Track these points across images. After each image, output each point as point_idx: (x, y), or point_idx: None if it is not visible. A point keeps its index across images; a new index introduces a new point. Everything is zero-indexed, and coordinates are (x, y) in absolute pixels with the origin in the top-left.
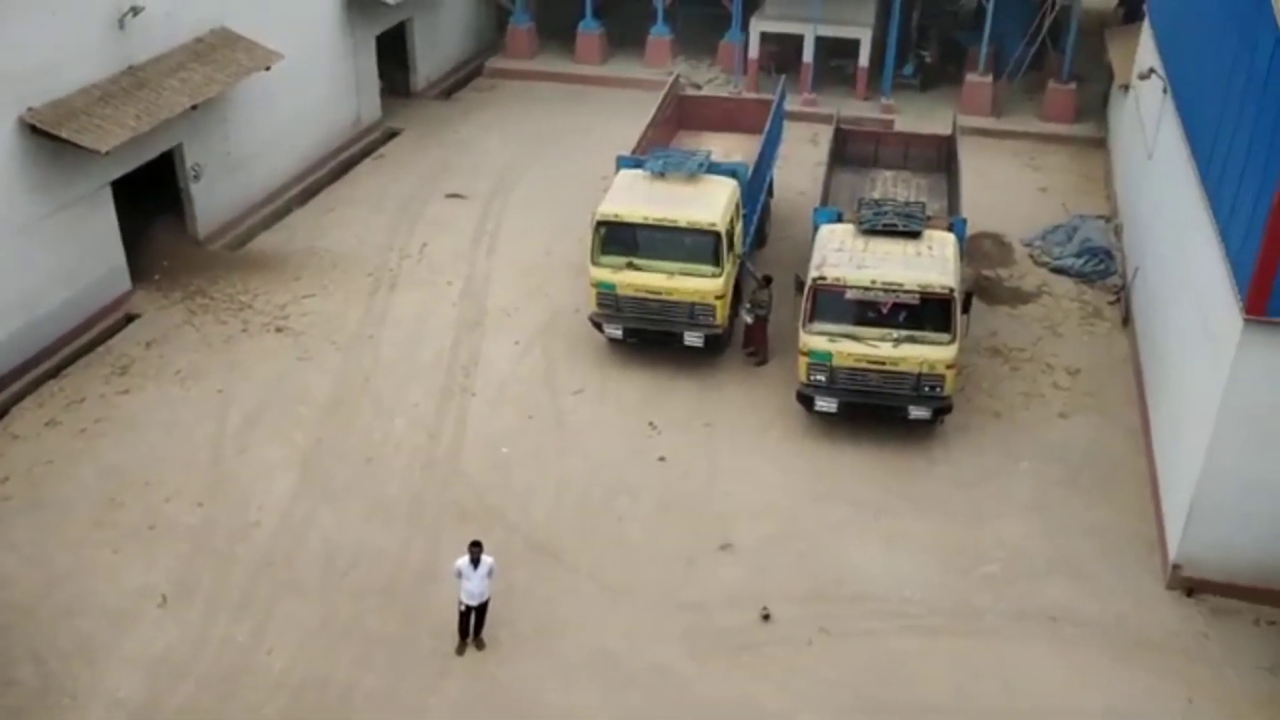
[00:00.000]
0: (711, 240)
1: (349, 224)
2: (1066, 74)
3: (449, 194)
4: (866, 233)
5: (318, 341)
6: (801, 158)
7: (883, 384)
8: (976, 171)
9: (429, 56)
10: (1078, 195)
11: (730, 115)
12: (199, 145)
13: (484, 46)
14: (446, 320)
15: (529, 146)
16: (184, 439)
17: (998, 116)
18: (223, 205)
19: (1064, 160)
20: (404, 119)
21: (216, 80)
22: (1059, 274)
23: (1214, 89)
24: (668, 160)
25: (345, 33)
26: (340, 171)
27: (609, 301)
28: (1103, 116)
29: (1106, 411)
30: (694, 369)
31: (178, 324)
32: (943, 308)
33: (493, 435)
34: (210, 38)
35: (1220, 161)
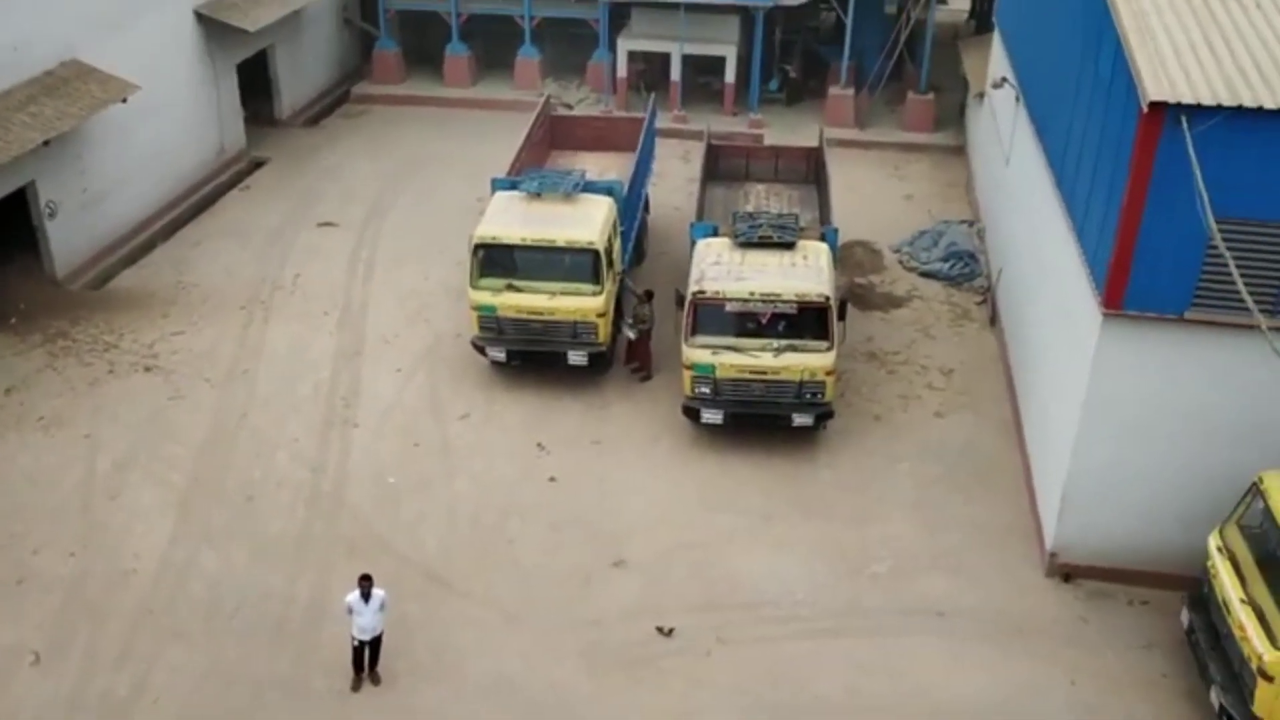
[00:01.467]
0: (590, 258)
1: (217, 257)
2: (924, 85)
3: (320, 222)
4: (743, 245)
5: (190, 379)
6: (675, 174)
7: (766, 393)
8: (845, 182)
9: (293, 84)
10: (942, 201)
11: (602, 134)
12: (53, 181)
13: (350, 72)
14: (324, 351)
15: (401, 171)
16: (51, 488)
17: (861, 128)
18: (81, 243)
19: (926, 168)
20: (270, 148)
21: (69, 114)
22: (928, 278)
23: (1062, 96)
24: (543, 181)
25: (205, 61)
26: (206, 203)
27: (490, 324)
28: (961, 125)
29: (980, 409)
30: (579, 388)
31: (38, 368)
32: (820, 316)
33: (378, 466)
34: (61, 70)
35: (1073, 164)
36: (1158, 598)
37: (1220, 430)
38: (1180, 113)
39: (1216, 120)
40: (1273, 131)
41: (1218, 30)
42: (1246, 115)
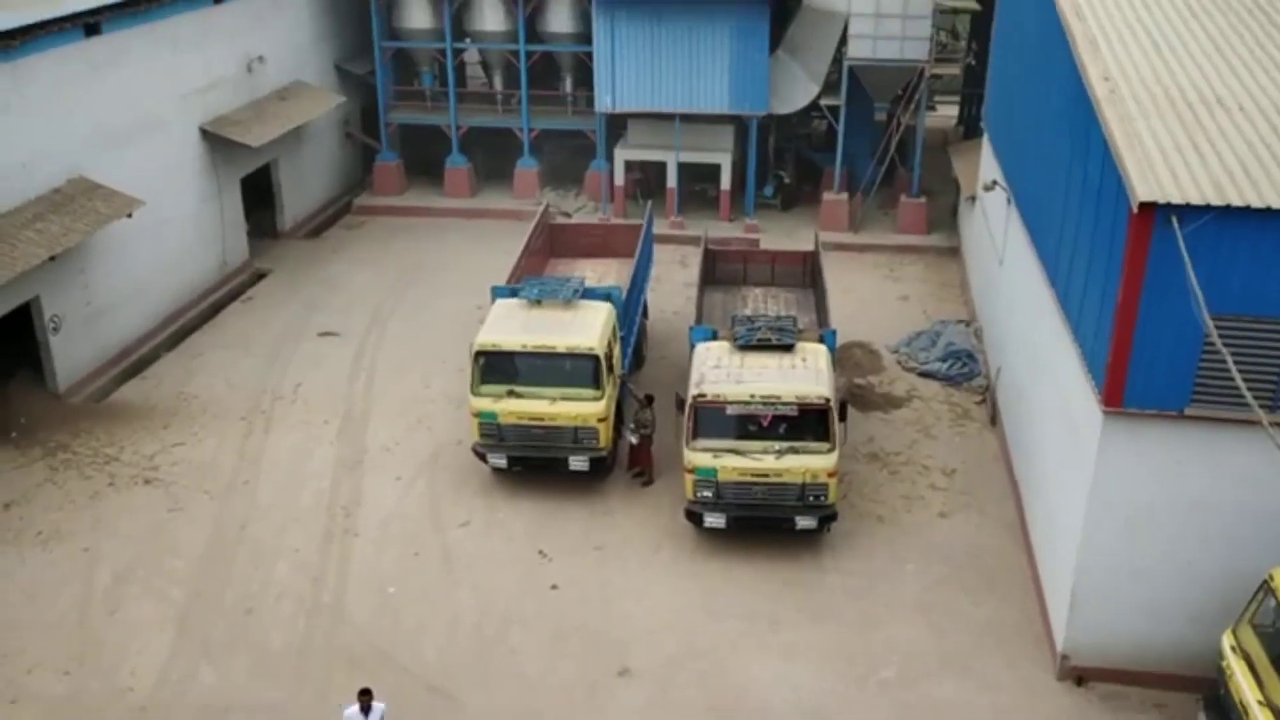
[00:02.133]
0: (591, 364)
1: (219, 368)
2: (916, 189)
3: (321, 332)
4: (742, 348)
5: (190, 491)
6: (673, 279)
7: (768, 496)
8: (841, 284)
9: (295, 196)
10: (937, 302)
11: (601, 241)
12: (58, 296)
13: (352, 184)
14: (325, 460)
15: (402, 281)
16: (47, 603)
17: (856, 231)
18: (84, 356)
19: (921, 270)
20: (272, 259)
21: (75, 230)
22: (927, 378)
23: (1052, 197)
24: (543, 288)
25: (209, 176)
26: (208, 315)
27: (491, 431)
28: (954, 227)
29: (984, 509)
30: (581, 494)
31: (38, 482)
32: (821, 417)
33: (378, 576)
34: (68, 187)
35: (1066, 263)
36: (1173, 700)
37: (1227, 526)
38: (1170, 213)
39: (1206, 220)
40: (1263, 230)
41: (1203, 133)
42: (1236, 214)
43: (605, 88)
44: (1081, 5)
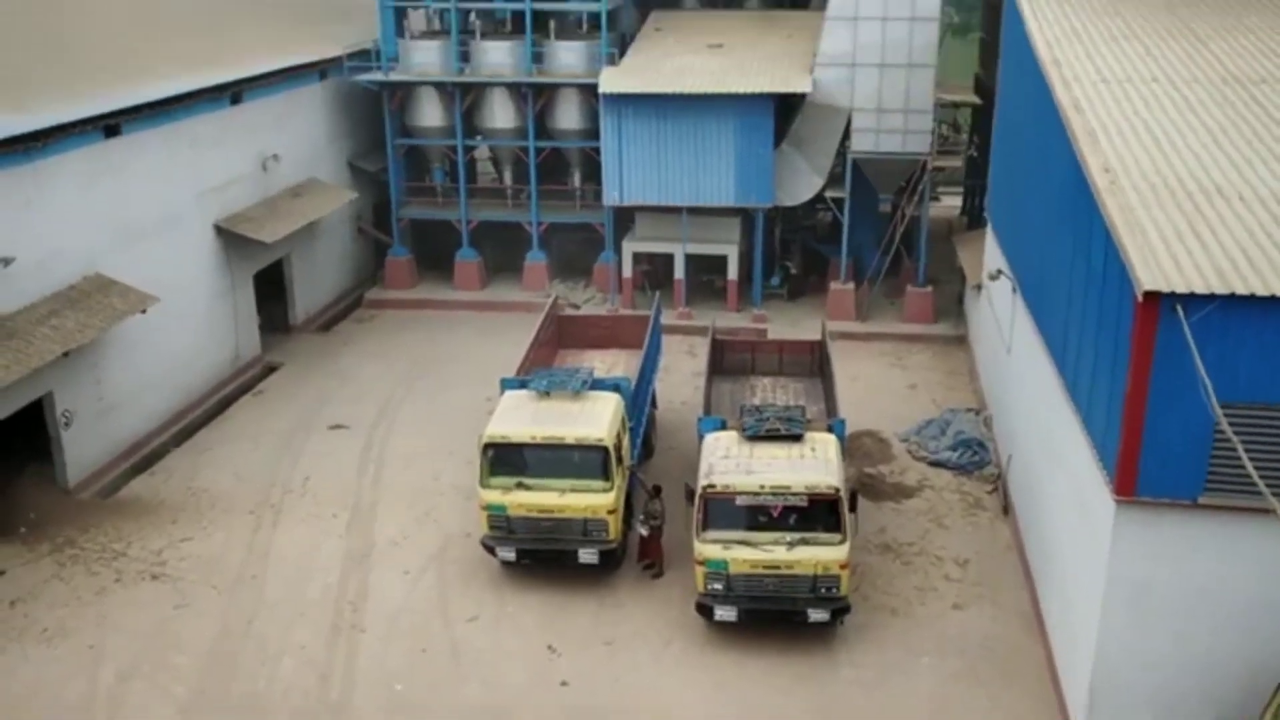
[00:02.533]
0: (600, 455)
1: (228, 462)
2: (922, 278)
3: (331, 425)
4: (751, 439)
5: (197, 586)
6: (681, 369)
7: (780, 588)
8: (849, 373)
9: (308, 291)
10: (946, 390)
11: (609, 333)
12: (71, 391)
13: (363, 278)
14: (333, 554)
15: (412, 373)
16: (51, 701)
17: (863, 320)
18: (95, 451)
19: (929, 358)
20: (283, 353)
21: (89, 326)
22: (937, 467)
23: (1057, 286)
24: (551, 379)
25: (223, 272)
26: (219, 409)
27: (500, 523)
28: (960, 315)
29: (998, 600)
30: (591, 587)
31: (45, 579)
32: (831, 508)
33: (386, 672)
34: (84, 284)
35: (1073, 353)
36: None
37: (1246, 615)
38: (1175, 301)
39: (1212, 308)
40: (1268, 317)
41: (1204, 222)
42: (1241, 302)
43: (613, 182)
44: (1079, 99)
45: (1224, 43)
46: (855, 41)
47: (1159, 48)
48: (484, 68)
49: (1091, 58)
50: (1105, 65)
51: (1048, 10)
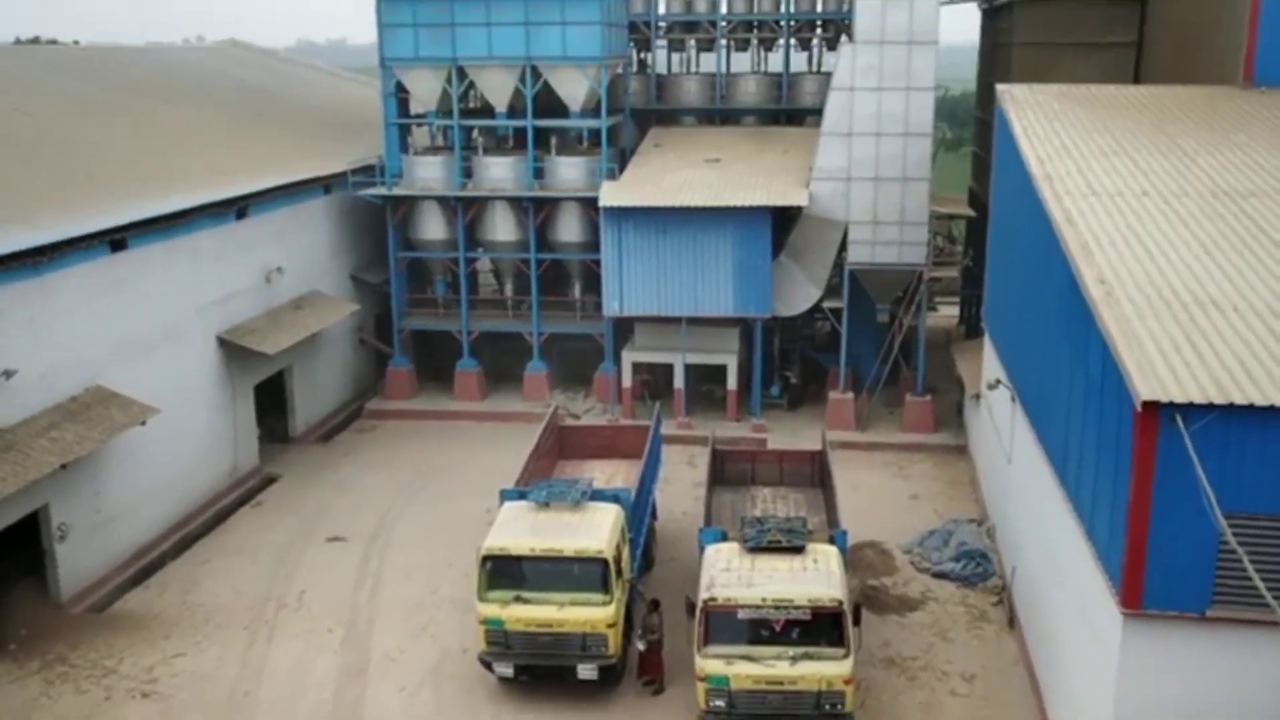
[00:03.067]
0: (599, 567)
1: (224, 575)
2: (921, 387)
3: (329, 537)
4: (752, 551)
5: (188, 704)
6: (681, 479)
7: (784, 705)
8: (850, 483)
9: (308, 402)
10: (947, 500)
11: (609, 443)
12: (67, 503)
13: (364, 389)
14: (328, 670)
15: (411, 485)
16: None
17: (862, 430)
18: (90, 565)
19: (930, 468)
20: (282, 464)
21: (88, 439)
22: (940, 579)
23: (1056, 396)
24: (551, 490)
25: (224, 384)
26: (216, 521)
27: (498, 638)
28: (960, 425)
29: (1006, 716)
30: (590, 703)
31: (33, 697)
32: (835, 621)
33: None
34: (85, 396)
35: (1074, 463)
36: None
37: None
38: (1174, 411)
39: (1211, 418)
40: (1268, 428)
41: (1199, 333)
42: (1240, 413)
43: (613, 293)
44: (1072, 212)
45: (1212, 158)
46: (850, 156)
47: (1148, 162)
48: (486, 182)
49: (1083, 172)
50: (1096, 179)
51: (1038, 127)
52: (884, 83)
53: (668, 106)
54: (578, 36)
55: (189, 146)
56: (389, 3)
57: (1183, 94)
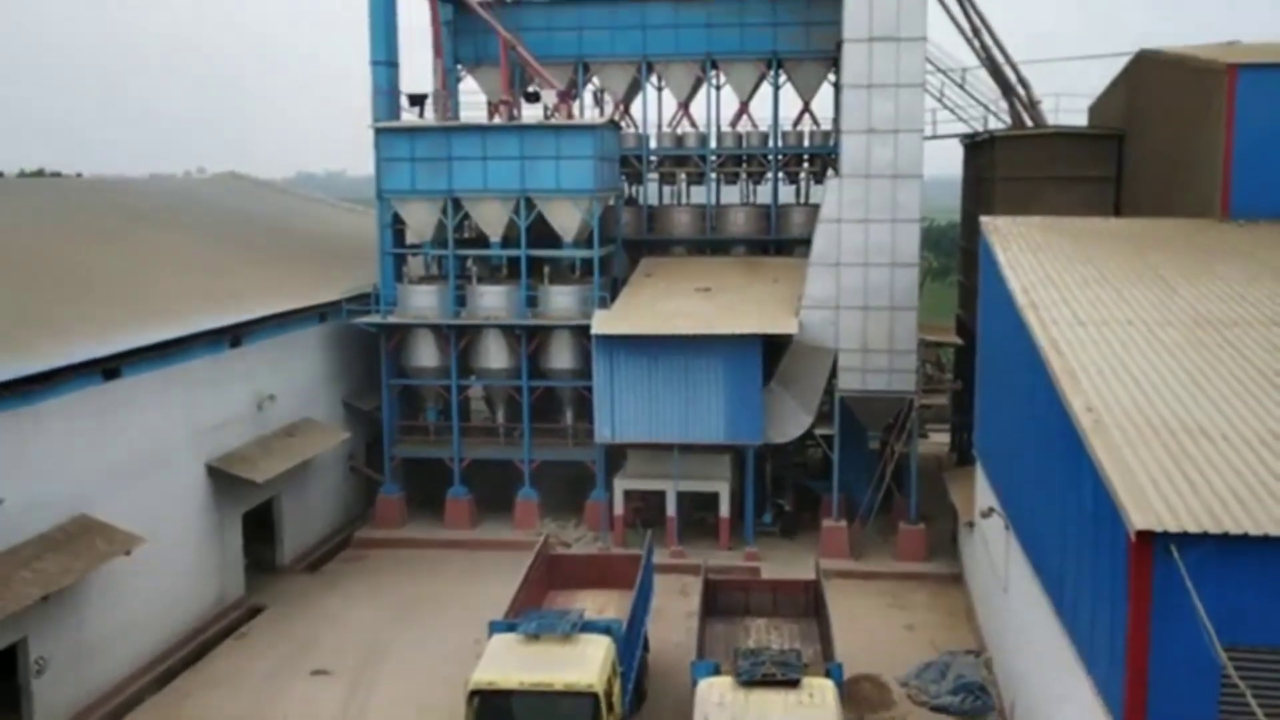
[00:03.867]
0: (590, 703)
1: (206, 709)
2: (914, 515)
3: (314, 671)
4: (746, 685)
5: None
6: (674, 609)
7: None
8: (844, 613)
9: (297, 530)
10: (943, 631)
11: (601, 572)
12: (47, 635)
13: (354, 516)
14: None
15: (399, 616)
16: None
17: (856, 559)
18: (67, 699)
19: (925, 598)
20: (269, 594)
21: (72, 569)
22: (939, 713)
23: (1049, 525)
24: (541, 622)
25: (212, 511)
26: (199, 653)
27: None
28: (955, 553)
29: None
30: None
31: None
32: None
33: None
34: (71, 525)
35: (1071, 593)
36: None
37: None
38: (1169, 541)
39: (1206, 548)
40: (1265, 558)
41: (1190, 462)
42: (1236, 542)
43: (605, 420)
44: (1059, 341)
45: (1194, 288)
46: (839, 286)
47: (1131, 292)
48: (480, 311)
49: (1067, 301)
50: (1081, 308)
51: (1022, 257)
52: (870, 215)
53: (659, 237)
54: (571, 170)
55: (187, 275)
56: (387, 137)
57: (1162, 226)
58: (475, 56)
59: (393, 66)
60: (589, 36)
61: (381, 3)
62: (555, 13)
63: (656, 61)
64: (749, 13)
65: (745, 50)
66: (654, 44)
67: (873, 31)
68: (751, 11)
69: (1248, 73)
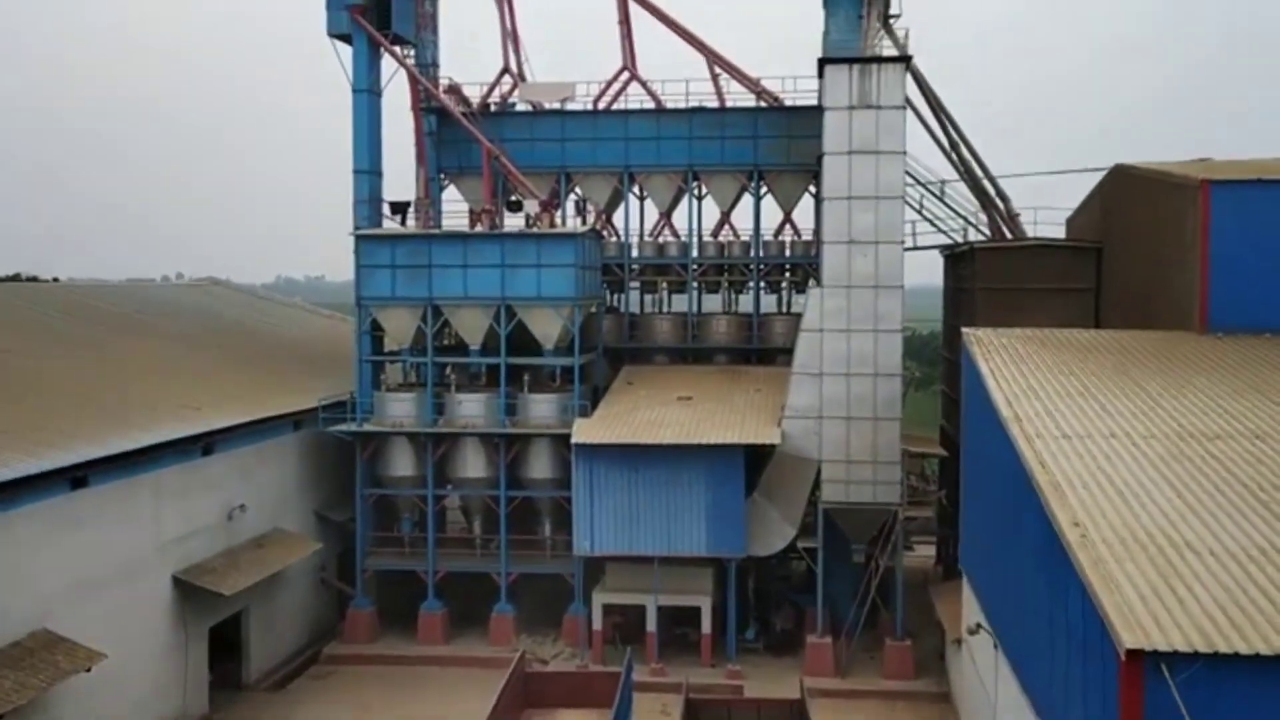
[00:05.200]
0: None
1: None
2: (900, 631)
3: None
4: None
5: None
6: None
7: None
8: None
9: (264, 645)
10: None
11: (579, 690)
12: None
13: (324, 630)
14: None
15: None
16: None
17: (842, 677)
18: None
19: (913, 718)
20: (232, 712)
21: (28, 686)
22: None
23: (1038, 642)
24: None
25: (177, 625)
26: None
27: None
28: (942, 670)
29: None
30: None
31: None
32: None
33: None
34: (30, 640)
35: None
36: None
37: None
38: (1159, 660)
39: (1198, 667)
40: (1256, 678)
41: (1178, 578)
42: (1227, 662)
43: (584, 532)
44: (1043, 454)
45: (1176, 401)
46: (821, 395)
47: (1114, 404)
48: (458, 419)
49: (1051, 414)
50: (1064, 421)
51: (1004, 369)
52: (852, 324)
53: (640, 345)
54: (553, 278)
55: (161, 382)
56: (368, 245)
57: (1143, 338)
58: (459, 165)
59: (376, 175)
60: (571, 147)
61: (366, 114)
62: (538, 123)
63: (638, 172)
64: (730, 126)
65: (726, 162)
66: (636, 155)
67: (852, 145)
68: (732, 125)
69: (1220, 189)
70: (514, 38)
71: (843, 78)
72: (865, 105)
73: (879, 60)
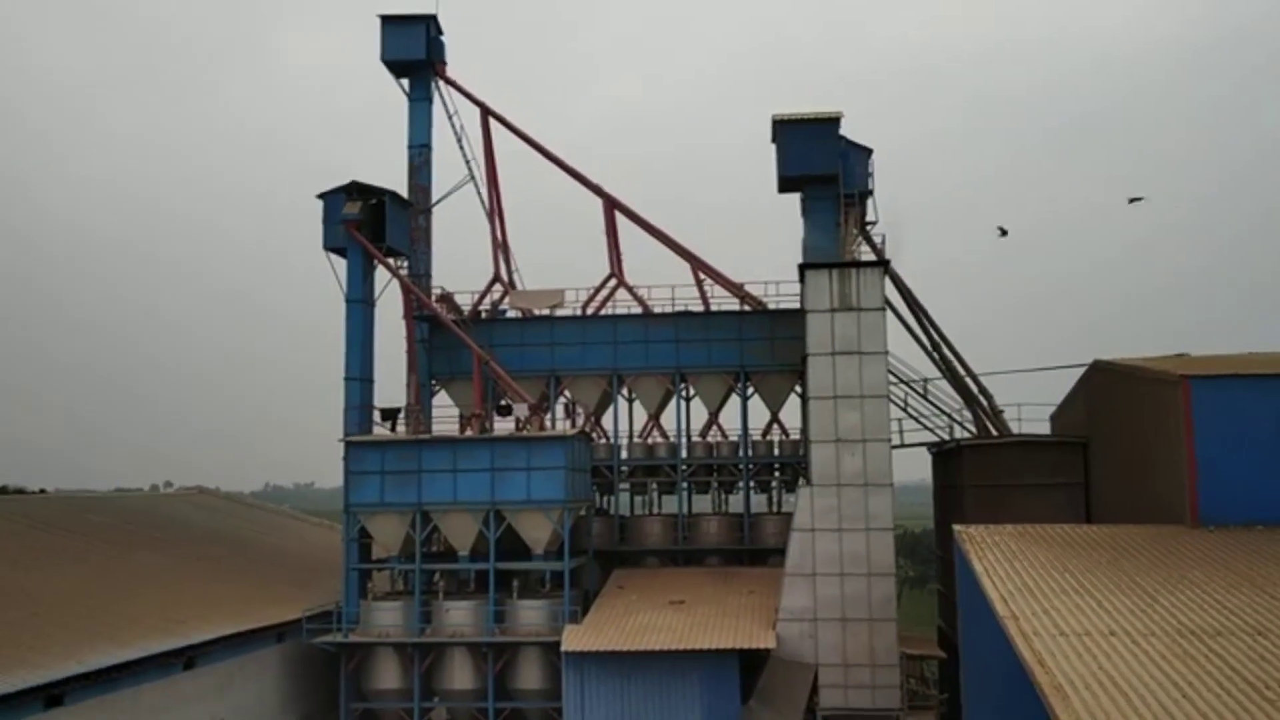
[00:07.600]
0: None
1: None
2: None
3: None
4: None
5: None
6: None
7: None
8: None
9: None
10: None
11: None
12: None
13: None
14: None
15: None
16: None
17: None
18: None
19: None
20: None
21: None
22: None
23: None
24: None
25: None
26: None
27: None
28: None
29: None
30: None
31: None
32: None
33: None
34: None
35: None
36: None
37: None
38: None
39: None
40: None
41: None
42: None
43: None
44: (1042, 654)
45: (1172, 596)
46: (815, 597)
47: (1110, 601)
48: (446, 627)
49: (1048, 611)
50: (1062, 619)
51: (998, 567)
52: (844, 523)
53: (631, 548)
54: (542, 481)
55: (143, 594)
56: (357, 451)
57: (1135, 533)
58: (449, 371)
59: (367, 382)
60: (561, 351)
61: (359, 323)
62: (528, 328)
63: (627, 374)
64: (715, 328)
65: (713, 364)
66: (624, 358)
67: (835, 346)
68: (718, 327)
69: (1200, 384)
70: (504, 248)
71: (823, 282)
72: (846, 308)
73: (858, 265)
